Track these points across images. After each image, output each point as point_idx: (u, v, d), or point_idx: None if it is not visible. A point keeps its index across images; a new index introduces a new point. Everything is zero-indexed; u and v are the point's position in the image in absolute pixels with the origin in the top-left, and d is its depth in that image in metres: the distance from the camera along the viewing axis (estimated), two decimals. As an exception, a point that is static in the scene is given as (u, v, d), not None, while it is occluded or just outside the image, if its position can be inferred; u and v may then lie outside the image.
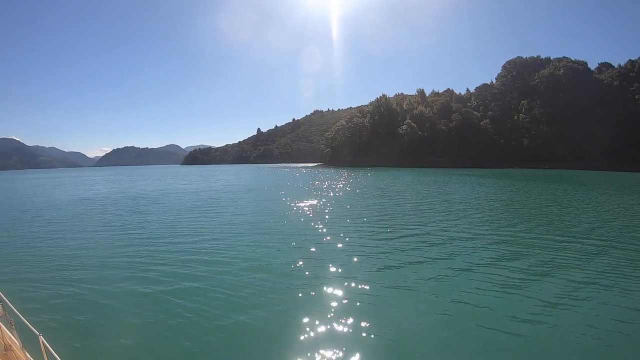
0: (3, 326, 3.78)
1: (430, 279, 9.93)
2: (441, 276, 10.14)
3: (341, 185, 47.74)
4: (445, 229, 16.97)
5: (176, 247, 13.66)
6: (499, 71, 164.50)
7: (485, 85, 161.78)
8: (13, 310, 3.53)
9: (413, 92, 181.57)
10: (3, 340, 3.71)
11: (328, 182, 54.34)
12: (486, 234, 15.89)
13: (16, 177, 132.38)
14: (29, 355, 3.42)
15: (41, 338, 3.08)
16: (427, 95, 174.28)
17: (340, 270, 10.68)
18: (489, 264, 11.34)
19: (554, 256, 12.25)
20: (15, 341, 3.54)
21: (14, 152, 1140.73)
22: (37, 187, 60.93)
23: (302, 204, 26.31)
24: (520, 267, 10.98)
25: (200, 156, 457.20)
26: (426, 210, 22.80)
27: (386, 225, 17.82)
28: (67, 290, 9.21)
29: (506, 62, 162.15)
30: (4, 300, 3.62)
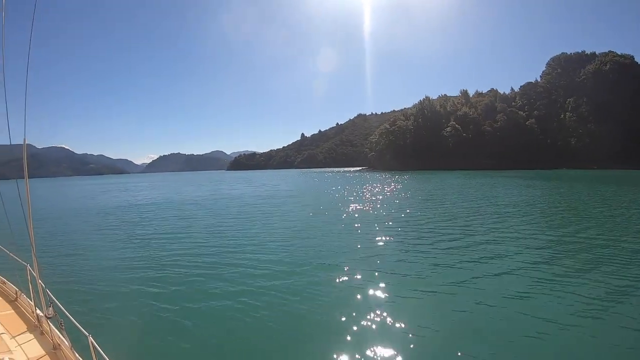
0: (53, 326, 3.77)
1: (485, 280, 9.81)
2: (492, 277, 10.05)
3: (386, 189, 45.97)
4: (495, 232, 16.51)
5: (224, 251, 13.70)
6: (544, 68, 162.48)
7: (529, 83, 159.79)
8: (63, 311, 3.59)
9: (456, 93, 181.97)
10: (52, 340, 3.71)
11: (373, 186, 52.73)
12: (536, 237, 15.23)
13: (66, 184, 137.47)
14: (78, 356, 3.44)
15: (90, 338, 3.17)
16: (471, 96, 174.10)
17: (391, 274, 10.51)
18: (538, 267, 10.92)
19: (608, 261, 11.46)
20: (65, 341, 3.56)
21: (63, 159, 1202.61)
22: (85, 192, 63.70)
23: (348, 209, 25.77)
24: (579, 273, 10.42)
25: (245, 162, 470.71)
26: (474, 214, 22.09)
27: (435, 229, 17.48)
28: (116, 292, 9.38)
29: (550, 59, 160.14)
30: (54, 301, 3.65)
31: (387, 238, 15.57)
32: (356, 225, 19.11)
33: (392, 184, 56.48)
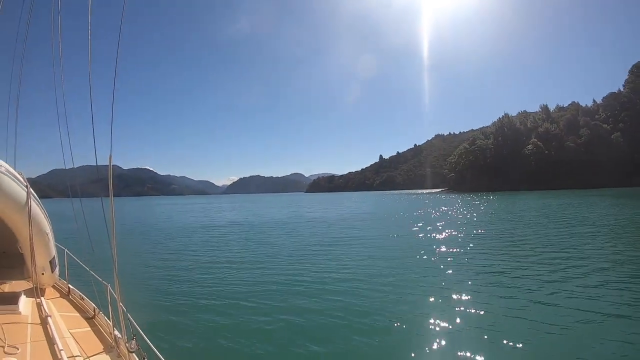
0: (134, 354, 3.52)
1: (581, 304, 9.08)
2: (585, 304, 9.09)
3: (467, 212, 43.15)
4: (587, 257, 14.89)
5: (311, 274, 13.08)
6: (626, 76, 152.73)
7: (612, 94, 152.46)
8: (147, 342, 3.33)
9: (536, 108, 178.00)
10: None
11: (453, 208, 50.41)
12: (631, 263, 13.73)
13: (149, 203, 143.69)
14: None
15: None
16: (552, 110, 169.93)
17: (481, 298, 9.83)
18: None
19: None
20: None
21: (148, 180, 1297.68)
22: (169, 212, 65.73)
23: (433, 233, 24.09)
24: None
25: (324, 184, 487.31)
26: (566, 237, 20.32)
27: (524, 254, 16.07)
28: (200, 323, 8.44)
29: (633, 66, 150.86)
30: (138, 332, 3.44)
31: (471, 263, 14.37)
32: (440, 250, 17.70)
33: (472, 206, 54.57)
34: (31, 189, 4.54)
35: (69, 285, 5.54)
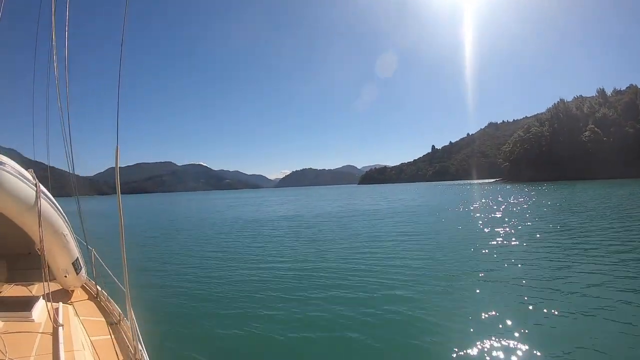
0: None
1: None
2: None
3: (525, 204, 39.73)
4: None
5: (364, 272, 12.22)
6: None
7: None
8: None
9: (592, 93, 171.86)
10: None
11: (510, 200, 46.79)
12: None
13: (203, 197, 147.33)
14: None
15: None
16: (609, 94, 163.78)
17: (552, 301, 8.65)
18: None
19: None
20: None
21: (201, 175, 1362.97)
22: (219, 206, 66.30)
23: (495, 227, 22.14)
24: None
25: (376, 175, 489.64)
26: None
27: (600, 252, 14.04)
28: (247, 334, 7.53)
29: None
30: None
31: (539, 260, 13.11)
32: (503, 245, 16.36)
33: (532, 198, 49.71)
34: (42, 188, 4.09)
35: (97, 287, 5.41)
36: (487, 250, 15.31)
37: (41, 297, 3.92)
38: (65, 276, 4.92)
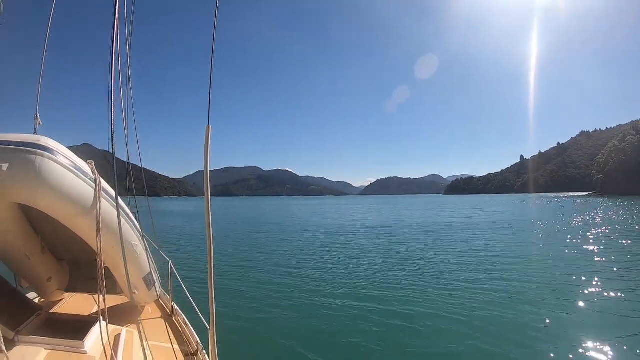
0: None
1: None
2: None
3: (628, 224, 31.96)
4: None
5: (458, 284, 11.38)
6: None
7: None
8: None
9: None
10: None
11: (606, 218, 39.02)
12: None
13: (287, 203, 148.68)
14: None
15: None
16: None
17: None
18: None
19: None
20: None
21: (287, 181, 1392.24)
22: (302, 212, 64.61)
23: (597, 250, 18.36)
24: None
25: (463, 186, 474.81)
26: None
27: None
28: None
29: None
30: None
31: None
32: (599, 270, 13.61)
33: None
34: (105, 185, 3.24)
35: (174, 304, 4.63)
36: (587, 277, 12.50)
37: (99, 322, 3.02)
38: (135, 292, 3.95)
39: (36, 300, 4.14)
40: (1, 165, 2.54)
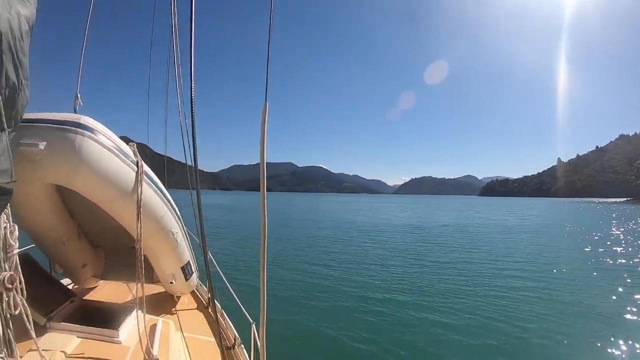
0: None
1: None
2: None
3: None
4: None
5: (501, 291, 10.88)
6: None
7: None
8: None
9: None
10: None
11: None
12: None
13: (320, 199, 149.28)
14: None
15: None
16: None
17: None
18: None
19: None
20: None
21: (321, 178, 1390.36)
22: (346, 208, 65.81)
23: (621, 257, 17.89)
24: None
25: (498, 188, 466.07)
26: None
27: None
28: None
29: None
30: None
31: None
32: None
33: None
34: (146, 169, 3.07)
35: (210, 295, 4.32)
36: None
37: (134, 312, 3.00)
38: (172, 282, 3.84)
39: (69, 287, 3.95)
40: (38, 143, 2.37)
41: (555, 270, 14.40)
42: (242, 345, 3.49)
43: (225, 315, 4.05)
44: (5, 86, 1.22)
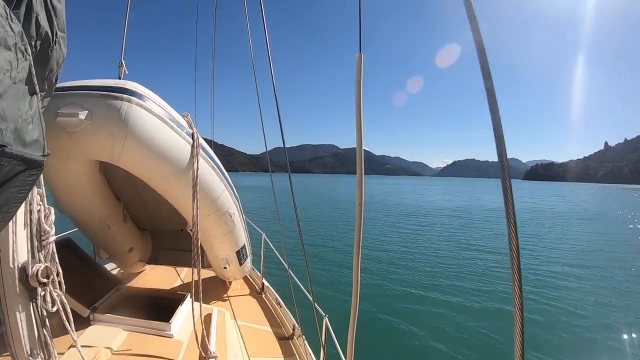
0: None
1: None
2: None
3: None
4: None
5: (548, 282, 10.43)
6: None
7: None
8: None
9: None
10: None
11: None
12: None
13: (367, 182, 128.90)
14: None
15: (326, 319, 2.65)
16: None
17: None
18: None
19: None
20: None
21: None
22: (382, 192, 64.94)
23: None
24: None
25: (542, 172, 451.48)
26: None
27: None
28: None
29: None
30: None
31: None
32: None
33: None
34: (203, 143, 2.71)
35: (264, 281, 4.28)
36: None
37: (186, 301, 2.79)
38: (225, 267, 3.55)
39: (115, 272, 3.90)
40: (78, 113, 1.99)
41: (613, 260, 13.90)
42: (304, 336, 3.16)
43: (282, 302, 3.86)
44: (35, 37, 0.97)
